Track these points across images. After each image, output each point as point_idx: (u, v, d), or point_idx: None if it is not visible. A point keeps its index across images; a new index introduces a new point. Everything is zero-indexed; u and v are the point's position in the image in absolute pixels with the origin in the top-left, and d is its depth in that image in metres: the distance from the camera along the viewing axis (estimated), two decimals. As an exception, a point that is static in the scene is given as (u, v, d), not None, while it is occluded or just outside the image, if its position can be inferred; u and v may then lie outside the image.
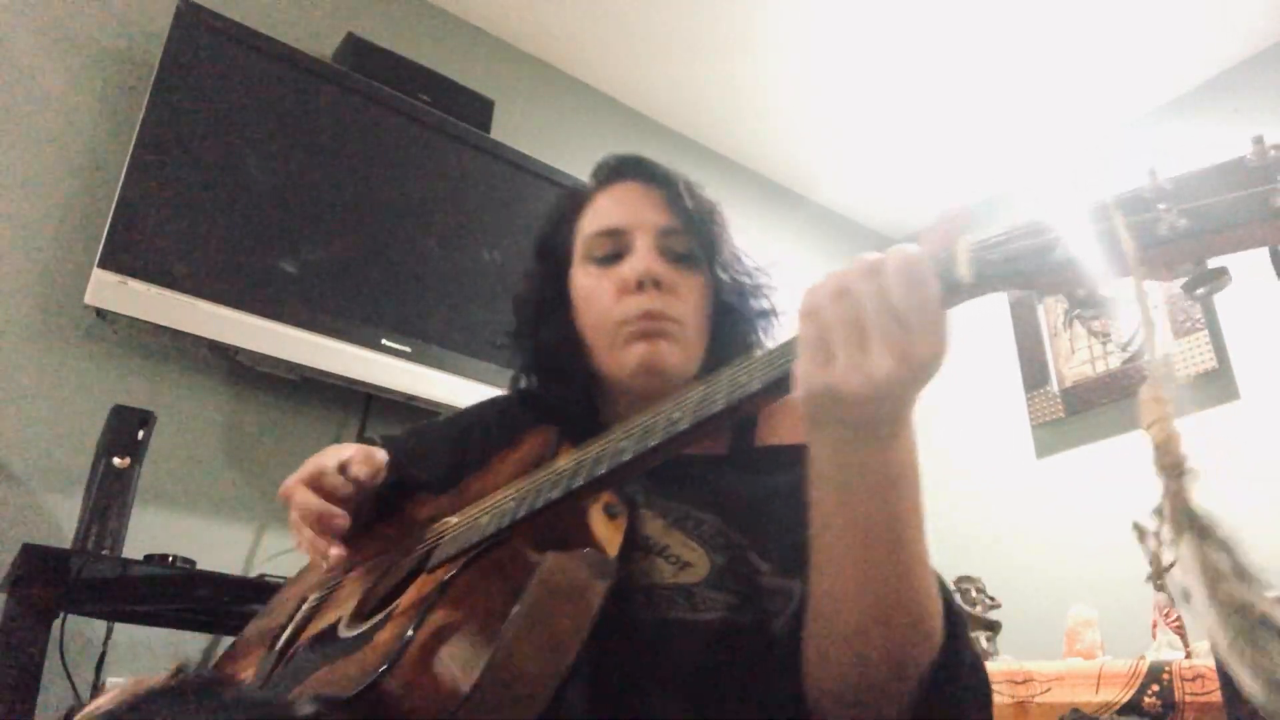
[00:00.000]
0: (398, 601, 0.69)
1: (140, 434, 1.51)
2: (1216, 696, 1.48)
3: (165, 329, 1.74)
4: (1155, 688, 1.60)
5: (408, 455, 0.97)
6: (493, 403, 1.01)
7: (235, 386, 1.93)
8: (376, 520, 0.94)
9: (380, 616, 0.68)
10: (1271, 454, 2.31)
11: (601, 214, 0.88)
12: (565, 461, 0.68)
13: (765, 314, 0.90)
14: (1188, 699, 1.56)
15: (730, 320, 0.87)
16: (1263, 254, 0.42)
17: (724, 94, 2.89)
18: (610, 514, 0.71)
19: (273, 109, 2.01)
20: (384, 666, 0.56)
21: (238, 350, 1.82)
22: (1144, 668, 1.64)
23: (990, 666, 1.87)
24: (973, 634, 2.08)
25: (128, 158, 1.78)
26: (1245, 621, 0.37)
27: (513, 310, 0.95)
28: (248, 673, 0.81)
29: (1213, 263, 0.41)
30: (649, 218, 0.86)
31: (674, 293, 0.83)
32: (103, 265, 1.68)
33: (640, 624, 0.70)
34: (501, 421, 0.94)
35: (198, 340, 1.79)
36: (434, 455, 0.96)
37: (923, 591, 0.58)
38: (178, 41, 1.90)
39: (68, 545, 1.47)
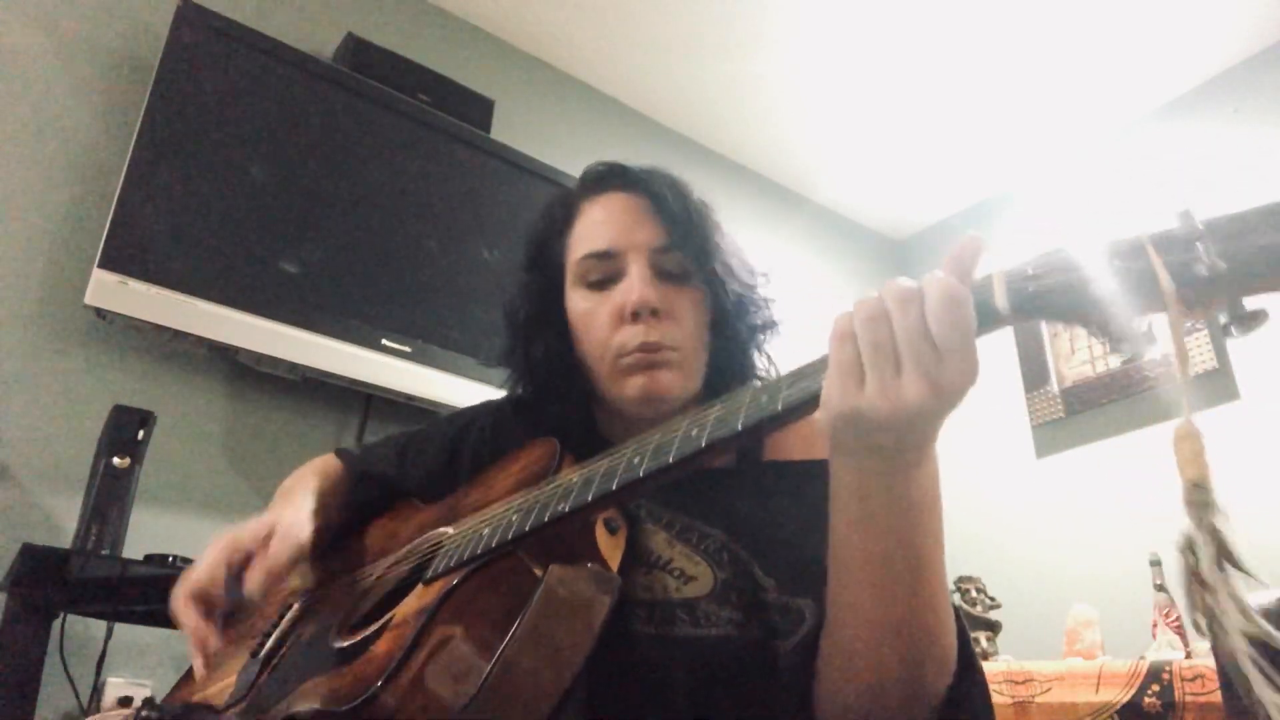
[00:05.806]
0: (394, 612, 0.67)
1: (140, 434, 1.51)
2: (1216, 696, 1.48)
3: (165, 329, 1.74)
4: (1155, 688, 1.60)
5: (396, 462, 0.95)
6: (488, 407, 0.98)
7: (235, 386, 1.93)
8: (355, 530, 0.92)
9: (376, 626, 0.67)
10: (1271, 454, 2.31)
11: (590, 234, 0.84)
12: (573, 475, 0.65)
13: (766, 322, 0.88)
14: (1188, 699, 1.56)
15: (729, 329, 0.85)
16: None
17: (724, 94, 2.89)
18: (610, 529, 0.69)
19: (272, 109, 2.01)
20: (381, 680, 0.55)
21: (238, 350, 1.82)
22: (1144, 668, 1.64)
23: (990, 666, 1.87)
24: (973, 635, 2.08)
25: (128, 158, 1.78)
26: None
27: (504, 321, 0.91)
28: (227, 682, 0.78)
29: (1249, 303, 0.41)
30: (639, 237, 0.81)
31: (671, 317, 0.80)
32: (103, 265, 1.68)
33: (642, 640, 0.69)
34: (497, 429, 0.92)
35: (198, 340, 1.79)
36: (424, 460, 0.93)
37: (939, 618, 0.58)
38: (178, 41, 1.90)
39: (68, 545, 1.48)
